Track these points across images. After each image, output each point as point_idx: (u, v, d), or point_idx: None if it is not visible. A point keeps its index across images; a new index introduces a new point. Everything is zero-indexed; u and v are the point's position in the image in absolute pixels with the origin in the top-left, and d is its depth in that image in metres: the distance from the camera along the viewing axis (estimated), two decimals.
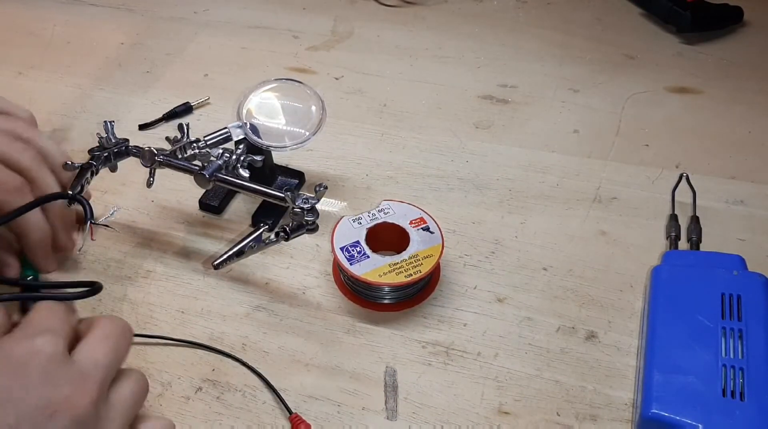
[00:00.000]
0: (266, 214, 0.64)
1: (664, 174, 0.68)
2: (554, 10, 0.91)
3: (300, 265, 0.61)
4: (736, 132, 0.73)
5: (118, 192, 0.67)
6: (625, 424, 0.51)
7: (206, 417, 0.52)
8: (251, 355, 0.55)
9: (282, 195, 0.55)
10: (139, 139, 0.70)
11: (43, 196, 0.54)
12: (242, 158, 0.59)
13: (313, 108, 0.63)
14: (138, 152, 0.60)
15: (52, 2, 0.93)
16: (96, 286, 0.45)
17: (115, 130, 0.60)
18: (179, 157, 0.59)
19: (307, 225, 0.55)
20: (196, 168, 0.58)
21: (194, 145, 0.60)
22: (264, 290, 0.59)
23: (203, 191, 0.64)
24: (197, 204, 0.66)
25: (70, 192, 0.56)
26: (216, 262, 0.54)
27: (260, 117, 0.62)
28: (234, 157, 0.59)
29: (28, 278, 0.55)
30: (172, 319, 0.58)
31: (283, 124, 0.62)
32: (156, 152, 0.59)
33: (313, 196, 0.55)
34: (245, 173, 0.59)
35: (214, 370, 0.54)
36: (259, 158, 0.60)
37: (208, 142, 0.60)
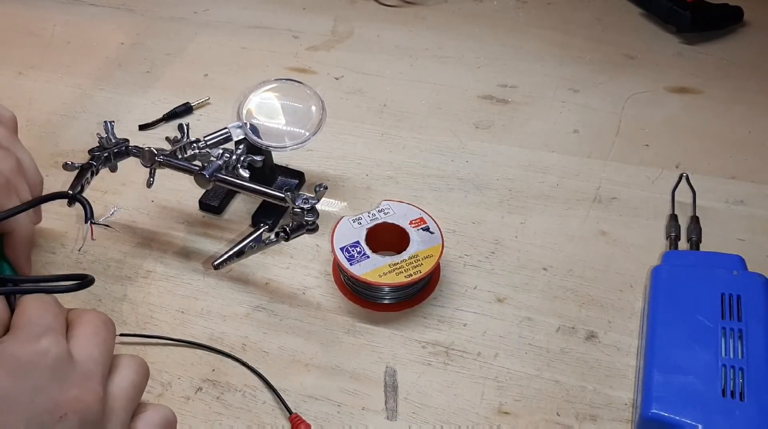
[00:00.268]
0: (266, 214, 0.64)
1: (664, 174, 0.68)
2: (554, 10, 0.91)
3: (300, 265, 0.61)
4: (736, 132, 0.73)
5: (118, 192, 0.67)
6: (625, 424, 0.51)
7: (206, 417, 0.52)
8: (251, 355, 0.55)
9: (282, 195, 0.55)
10: (139, 139, 0.70)
11: (43, 196, 0.54)
12: (242, 158, 0.59)
13: (313, 108, 0.63)
14: (138, 152, 0.60)
15: (52, 2, 0.93)
16: (87, 279, 0.43)
17: (115, 130, 0.61)
18: (179, 157, 0.59)
19: (307, 225, 0.55)
20: (196, 168, 0.58)
21: (194, 145, 0.60)
22: (264, 290, 0.59)
23: (203, 191, 0.64)
24: (197, 204, 0.66)
25: (70, 192, 0.56)
26: (216, 262, 0.54)
27: (260, 117, 0.62)
28: (234, 157, 0.59)
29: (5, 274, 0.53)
30: (172, 319, 0.58)
31: (283, 124, 0.62)
32: (156, 152, 0.59)
33: (313, 196, 0.55)
34: (245, 173, 0.59)
35: (214, 370, 0.54)
36: (259, 158, 0.60)
37: (208, 142, 0.60)
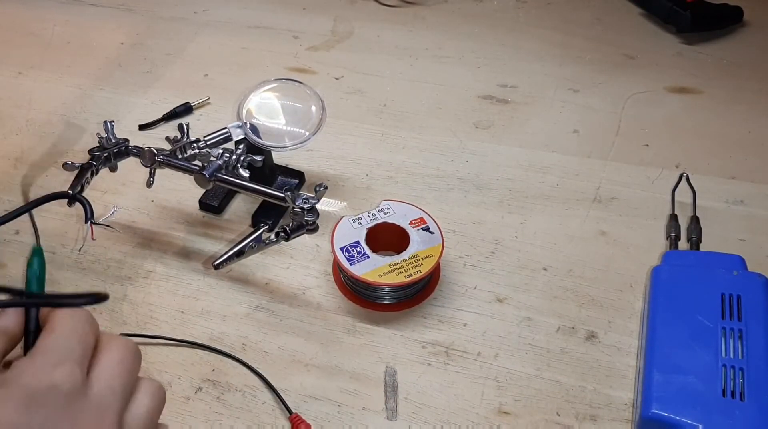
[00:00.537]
0: (266, 214, 0.64)
1: (664, 174, 0.68)
2: (554, 10, 0.91)
3: (300, 265, 0.61)
4: (736, 132, 0.73)
5: (118, 192, 0.67)
6: (625, 424, 0.51)
7: (206, 417, 0.52)
8: (251, 355, 0.55)
9: (282, 195, 0.55)
10: (139, 139, 0.70)
11: (43, 196, 0.54)
12: (242, 158, 0.59)
13: (313, 108, 0.63)
14: (138, 152, 0.60)
15: (52, 2, 0.93)
16: (101, 295, 0.41)
17: (115, 130, 0.61)
18: (179, 157, 0.59)
19: (307, 225, 0.55)
20: (196, 168, 0.58)
21: (194, 145, 0.60)
22: (264, 290, 0.59)
23: (203, 191, 0.64)
24: (197, 204, 0.66)
25: (70, 192, 0.56)
26: (216, 262, 0.54)
27: (260, 117, 0.62)
28: (234, 157, 0.59)
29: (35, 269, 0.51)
30: (172, 319, 0.58)
31: (283, 124, 0.62)
32: (156, 152, 0.59)
33: (313, 196, 0.55)
34: (245, 173, 0.59)
35: (214, 370, 0.54)
36: (259, 158, 0.60)
37: (208, 142, 0.60)
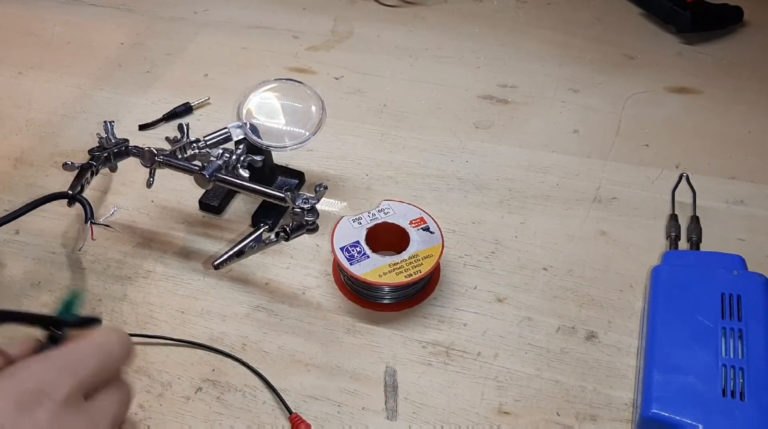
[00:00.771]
0: (266, 214, 0.64)
1: (664, 174, 0.68)
2: (554, 10, 0.91)
3: (300, 265, 0.61)
4: (736, 132, 0.73)
5: (118, 192, 0.67)
6: (625, 424, 0.51)
7: (206, 417, 0.52)
8: (251, 355, 0.55)
9: (282, 195, 0.55)
10: (139, 139, 0.70)
11: (44, 196, 0.55)
12: (242, 158, 0.59)
13: (313, 108, 0.63)
14: (138, 152, 0.60)
15: (52, 2, 0.93)
16: (94, 319, 0.38)
17: (115, 130, 0.61)
18: (179, 157, 0.59)
19: (307, 225, 0.55)
20: (196, 168, 0.58)
21: (194, 145, 0.60)
22: (264, 290, 0.59)
23: (203, 191, 0.64)
24: (197, 204, 0.66)
25: (70, 192, 0.56)
26: (216, 262, 0.54)
27: (260, 117, 0.62)
28: (234, 157, 0.59)
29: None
30: (172, 319, 0.58)
31: (283, 124, 0.62)
32: (156, 152, 0.59)
33: (313, 196, 0.55)
34: (245, 173, 0.59)
35: (214, 370, 0.54)
36: (259, 158, 0.60)
37: (208, 142, 0.60)
